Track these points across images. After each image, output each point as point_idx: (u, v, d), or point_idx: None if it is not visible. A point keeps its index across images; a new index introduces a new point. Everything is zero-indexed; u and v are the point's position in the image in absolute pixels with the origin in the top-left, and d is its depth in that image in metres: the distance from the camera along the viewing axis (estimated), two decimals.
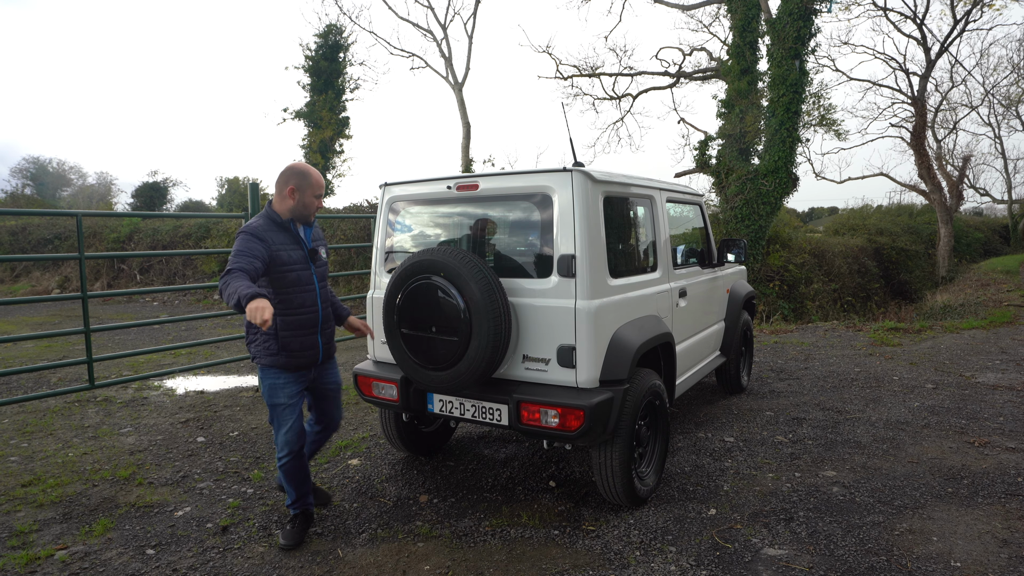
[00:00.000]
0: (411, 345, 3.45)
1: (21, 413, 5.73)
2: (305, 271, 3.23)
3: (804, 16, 13.86)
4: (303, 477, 3.36)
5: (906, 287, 18.97)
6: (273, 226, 3.17)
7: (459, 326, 3.25)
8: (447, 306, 3.28)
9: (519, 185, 3.47)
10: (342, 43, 20.37)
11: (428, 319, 3.36)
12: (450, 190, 3.66)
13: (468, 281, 3.21)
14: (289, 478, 3.32)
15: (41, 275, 18.90)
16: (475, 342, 3.23)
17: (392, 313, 3.49)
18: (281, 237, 3.17)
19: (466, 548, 3.26)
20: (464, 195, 3.66)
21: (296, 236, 3.24)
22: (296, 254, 3.20)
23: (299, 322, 3.20)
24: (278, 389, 3.23)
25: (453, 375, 3.35)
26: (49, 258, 5.20)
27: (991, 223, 33.09)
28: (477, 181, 3.58)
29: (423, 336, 3.39)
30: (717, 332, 5.45)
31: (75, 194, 39.59)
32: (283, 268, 3.12)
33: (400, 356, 3.53)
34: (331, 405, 3.55)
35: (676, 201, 4.81)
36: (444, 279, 3.27)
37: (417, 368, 3.47)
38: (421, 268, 3.36)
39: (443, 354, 3.33)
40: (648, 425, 3.75)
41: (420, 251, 3.45)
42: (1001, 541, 3.21)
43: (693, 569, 3.02)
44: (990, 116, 28.78)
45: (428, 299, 3.34)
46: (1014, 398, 5.69)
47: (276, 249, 3.10)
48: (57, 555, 3.23)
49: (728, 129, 15.88)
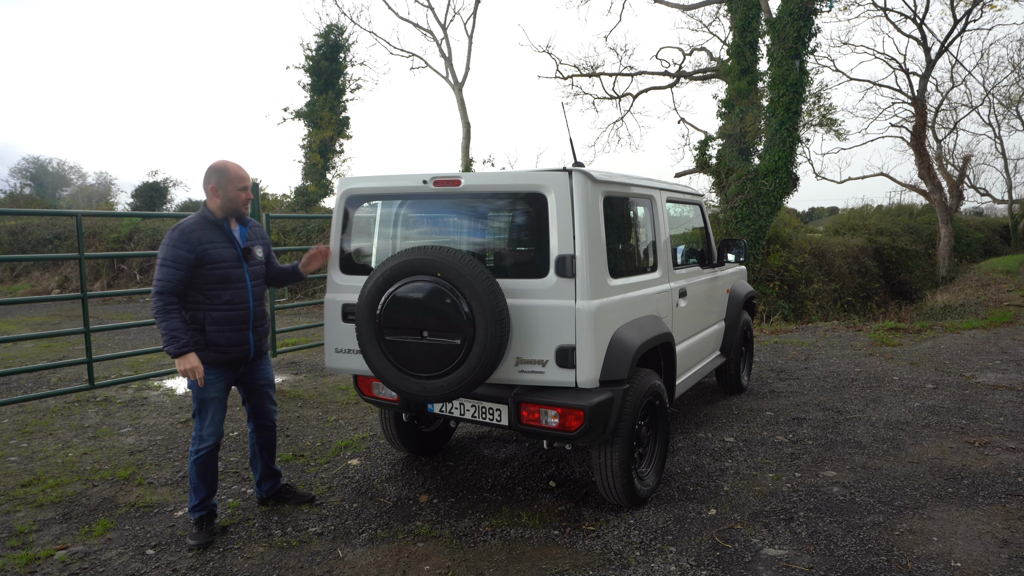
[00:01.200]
0: (396, 352, 3.26)
1: (21, 413, 5.72)
2: (235, 269, 3.30)
3: (804, 16, 13.85)
4: (213, 475, 3.40)
5: (906, 287, 18.97)
6: (206, 224, 3.26)
7: (462, 328, 3.13)
8: (445, 308, 3.15)
9: (509, 183, 3.37)
10: (342, 43, 20.34)
11: (419, 323, 3.20)
12: (426, 184, 3.44)
13: (471, 281, 3.11)
14: (201, 474, 3.33)
15: (41, 275, 18.90)
16: (479, 345, 3.12)
17: (371, 319, 3.27)
18: (212, 235, 3.25)
19: (466, 548, 3.25)
20: (443, 191, 3.45)
21: (228, 234, 3.32)
22: (226, 252, 3.27)
23: (227, 318, 3.27)
24: (206, 384, 3.27)
25: (454, 380, 3.19)
26: (49, 258, 5.20)
27: (991, 223, 33.07)
28: (459, 177, 3.40)
29: (411, 342, 3.22)
30: (717, 332, 5.45)
31: (75, 194, 39.54)
32: (211, 266, 3.21)
33: (380, 364, 3.30)
34: (262, 400, 3.61)
35: (676, 201, 4.81)
36: (442, 280, 3.15)
37: (403, 377, 3.28)
38: (411, 268, 3.21)
39: (438, 359, 3.19)
40: (648, 425, 3.75)
41: (407, 251, 3.26)
42: (1001, 541, 3.21)
43: (693, 569, 3.01)
44: (990, 116, 28.79)
45: (420, 302, 3.20)
46: (1014, 398, 5.69)
47: (205, 247, 3.20)
48: (57, 555, 3.23)
49: (728, 129, 15.88)
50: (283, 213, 19.08)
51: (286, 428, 5.21)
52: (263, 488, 3.75)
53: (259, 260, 3.47)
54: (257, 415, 3.63)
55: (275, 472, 3.79)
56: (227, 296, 3.27)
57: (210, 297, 3.24)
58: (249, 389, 3.57)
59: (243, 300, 3.33)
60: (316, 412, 5.68)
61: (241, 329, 3.33)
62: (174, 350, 3.10)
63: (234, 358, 3.35)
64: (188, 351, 3.13)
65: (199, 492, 3.36)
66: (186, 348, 3.12)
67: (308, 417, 5.53)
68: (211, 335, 3.25)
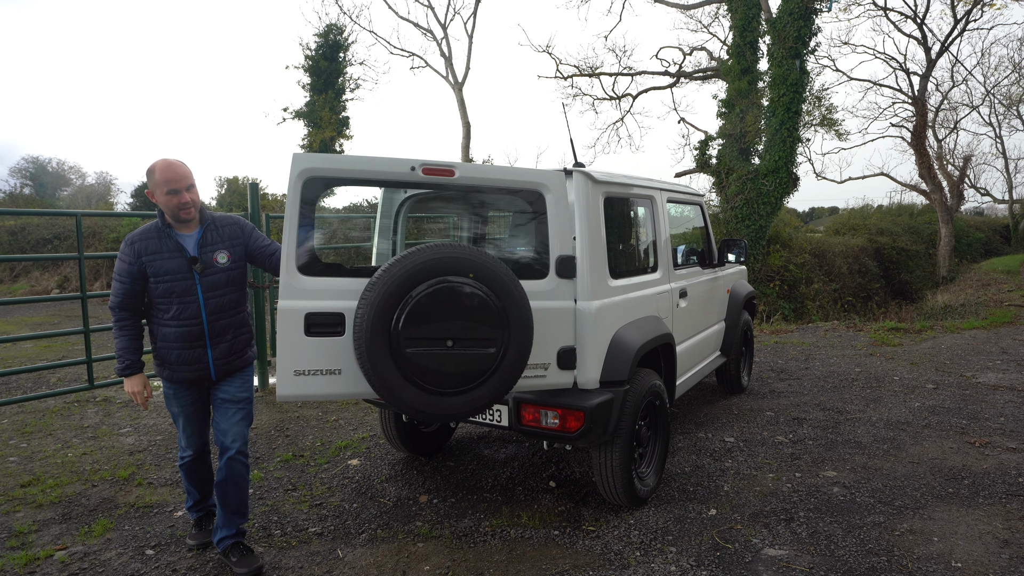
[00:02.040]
0: (418, 368, 2.75)
1: (20, 413, 5.72)
2: (183, 281, 2.90)
3: (804, 16, 13.86)
4: (202, 480, 3.27)
5: (907, 287, 18.97)
6: (154, 233, 2.93)
7: (498, 335, 2.83)
8: (480, 313, 2.80)
9: (509, 179, 3.13)
10: (342, 43, 20.35)
11: (446, 332, 2.77)
12: (414, 172, 2.92)
13: (506, 282, 2.85)
14: (189, 479, 3.24)
15: (40, 275, 18.89)
16: (513, 352, 2.88)
17: (384, 330, 2.71)
18: (158, 244, 2.91)
19: (466, 548, 3.25)
20: (433, 181, 2.98)
21: (175, 243, 2.92)
22: (170, 263, 2.89)
23: (176, 335, 2.93)
24: (169, 399, 3.08)
25: (482, 395, 2.88)
26: (48, 258, 5.19)
27: (992, 223, 33.05)
28: (452, 167, 2.98)
29: (437, 354, 2.76)
30: (717, 332, 5.45)
31: (74, 194, 39.54)
32: (154, 279, 2.90)
33: (394, 384, 2.76)
34: (221, 417, 3.06)
35: (677, 201, 4.80)
36: (476, 281, 2.81)
37: (424, 397, 2.81)
38: (439, 268, 2.77)
39: (467, 372, 2.82)
40: (648, 425, 3.75)
41: (429, 248, 2.81)
42: (1002, 542, 3.20)
43: (693, 569, 3.01)
44: (991, 116, 28.80)
45: (450, 307, 2.77)
46: (1015, 398, 5.68)
47: (149, 259, 2.88)
48: (56, 555, 3.22)
49: (728, 129, 15.88)
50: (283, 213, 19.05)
51: (286, 428, 5.20)
52: (215, 536, 3.12)
53: (221, 267, 2.99)
54: (217, 439, 3.07)
55: (232, 521, 3.09)
56: (174, 311, 2.91)
57: (159, 311, 2.95)
58: (213, 404, 3.14)
59: (193, 315, 2.92)
60: (316, 412, 5.68)
61: (194, 347, 2.95)
62: (118, 370, 2.95)
63: (188, 378, 3.00)
64: (131, 373, 2.96)
65: (191, 495, 3.31)
66: (128, 370, 2.95)
67: (308, 417, 5.53)
68: (161, 352, 2.99)
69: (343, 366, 2.86)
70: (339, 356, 2.85)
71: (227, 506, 3.06)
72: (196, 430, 3.15)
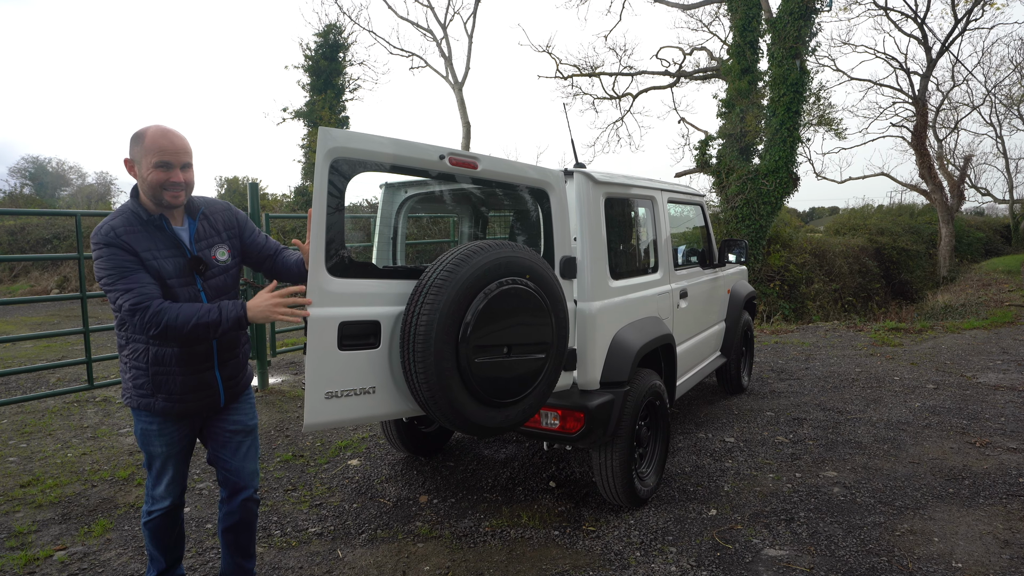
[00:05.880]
0: (483, 379, 2.54)
1: (20, 413, 5.72)
2: (185, 287, 2.27)
3: (804, 15, 13.86)
4: (175, 541, 2.57)
5: (907, 287, 18.97)
6: (138, 224, 2.22)
7: (549, 340, 2.73)
8: (536, 318, 2.68)
9: (524, 175, 3.01)
10: (342, 43, 20.33)
11: (505, 339, 2.59)
12: (442, 160, 2.63)
13: (554, 284, 2.74)
14: (155, 540, 2.50)
15: (40, 275, 18.89)
16: (557, 358, 2.80)
17: (452, 340, 2.44)
18: (149, 240, 2.23)
19: (466, 549, 3.25)
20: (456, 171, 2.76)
21: (172, 237, 2.28)
22: (171, 263, 2.25)
23: (177, 356, 2.29)
24: (150, 436, 2.38)
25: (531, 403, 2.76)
26: (48, 258, 5.19)
27: (992, 223, 33.05)
28: (476, 159, 2.79)
29: (500, 362, 2.58)
30: (718, 333, 5.45)
31: (74, 194, 39.55)
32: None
33: (458, 400, 2.49)
34: (232, 455, 2.52)
35: (677, 202, 4.80)
36: (532, 283, 2.66)
37: (485, 411, 2.59)
38: (503, 269, 2.56)
39: (522, 380, 2.67)
40: (648, 426, 3.75)
41: (489, 247, 2.59)
42: (1002, 542, 3.20)
43: (694, 570, 3.01)
44: (992, 116, 28.82)
45: (512, 312, 2.60)
46: (1015, 398, 5.68)
47: (144, 257, 2.20)
48: (56, 556, 3.22)
49: (728, 129, 15.88)
50: (283, 213, 19.07)
51: (286, 428, 5.20)
52: None
53: (223, 267, 2.40)
54: (226, 479, 2.53)
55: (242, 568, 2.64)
56: None
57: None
58: (214, 438, 2.51)
59: None
60: None
61: (202, 370, 2.35)
62: (232, 320, 2.19)
63: (193, 408, 2.38)
64: (245, 311, 2.21)
65: (156, 563, 2.54)
66: (240, 309, 2.21)
67: None
68: (156, 378, 2.28)
69: (377, 383, 2.47)
70: (373, 372, 2.45)
71: (237, 552, 2.60)
72: (178, 474, 2.47)
